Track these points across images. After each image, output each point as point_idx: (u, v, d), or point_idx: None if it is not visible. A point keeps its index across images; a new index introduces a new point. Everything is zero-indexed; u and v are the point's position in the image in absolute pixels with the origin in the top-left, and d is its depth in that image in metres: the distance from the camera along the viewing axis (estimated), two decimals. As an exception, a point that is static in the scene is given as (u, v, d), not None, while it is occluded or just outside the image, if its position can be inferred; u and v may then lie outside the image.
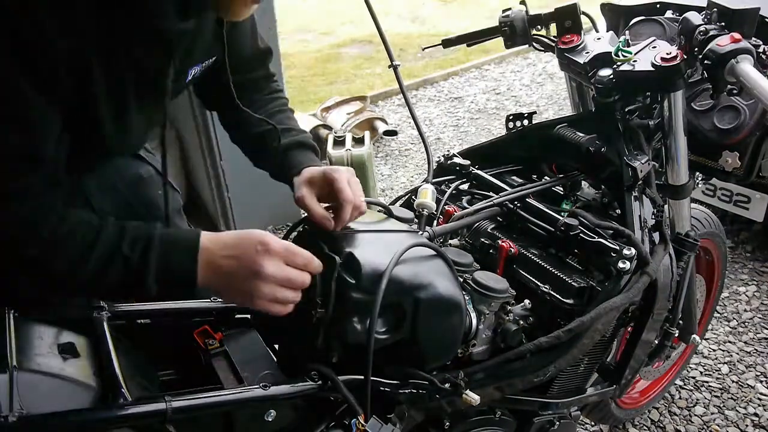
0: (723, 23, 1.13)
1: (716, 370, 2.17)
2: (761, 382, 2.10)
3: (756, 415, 1.98)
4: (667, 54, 1.14)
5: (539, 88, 5.05)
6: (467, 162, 1.39)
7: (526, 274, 1.16)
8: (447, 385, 0.98)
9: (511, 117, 1.42)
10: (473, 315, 1.01)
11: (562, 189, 1.34)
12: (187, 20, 0.82)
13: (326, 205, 0.99)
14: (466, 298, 0.99)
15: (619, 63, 1.19)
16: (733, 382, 2.11)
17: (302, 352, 0.95)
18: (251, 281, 0.82)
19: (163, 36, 0.81)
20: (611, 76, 1.19)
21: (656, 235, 1.21)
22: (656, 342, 1.47)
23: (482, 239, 1.23)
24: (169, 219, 1.19)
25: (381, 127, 4.12)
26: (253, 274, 0.81)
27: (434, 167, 1.36)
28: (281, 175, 1.07)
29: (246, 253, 0.82)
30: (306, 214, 0.99)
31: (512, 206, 1.26)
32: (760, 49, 1.14)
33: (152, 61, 0.83)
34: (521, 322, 1.08)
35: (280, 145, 1.07)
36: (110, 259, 0.78)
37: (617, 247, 1.10)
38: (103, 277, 0.78)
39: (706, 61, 1.09)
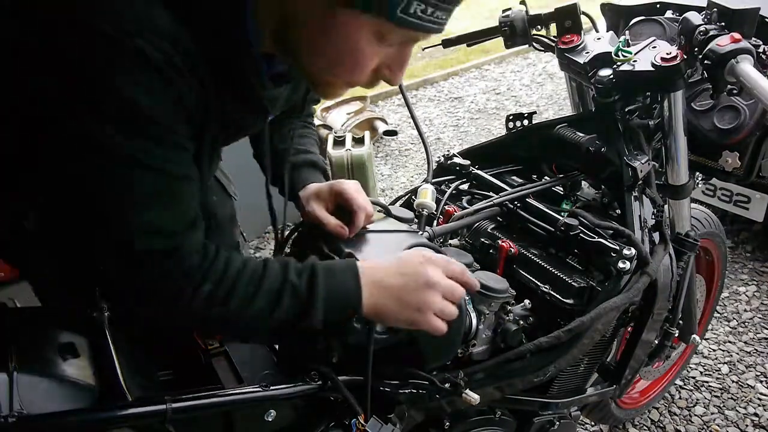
0: (723, 23, 1.13)
1: (716, 370, 2.17)
2: (761, 382, 2.10)
3: (756, 415, 1.97)
4: (667, 54, 1.13)
5: (539, 88, 5.05)
6: (467, 162, 1.39)
7: (526, 274, 1.16)
8: (447, 385, 0.98)
9: (511, 117, 1.41)
10: (473, 315, 1.01)
11: (562, 189, 1.34)
12: (281, 86, 0.87)
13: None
14: (466, 298, 0.99)
15: (619, 63, 1.19)
16: (733, 382, 2.11)
17: (302, 352, 0.95)
18: (421, 292, 0.84)
19: (259, 101, 0.85)
20: (611, 76, 1.19)
21: (656, 235, 1.21)
22: (656, 342, 1.47)
23: (482, 239, 1.23)
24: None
25: (381, 127, 4.12)
26: (422, 284, 0.84)
27: (434, 167, 1.36)
28: (289, 192, 1.09)
29: (411, 267, 0.86)
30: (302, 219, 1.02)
31: (512, 206, 1.26)
32: (760, 49, 1.14)
33: (247, 118, 0.88)
34: (521, 322, 1.08)
35: (291, 163, 1.09)
36: (281, 288, 0.80)
37: (617, 247, 1.10)
38: (275, 308, 0.79)
39: (706, 61, 1.09)
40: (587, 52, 1.25)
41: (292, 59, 0.78)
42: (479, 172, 1.37)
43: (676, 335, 1.48)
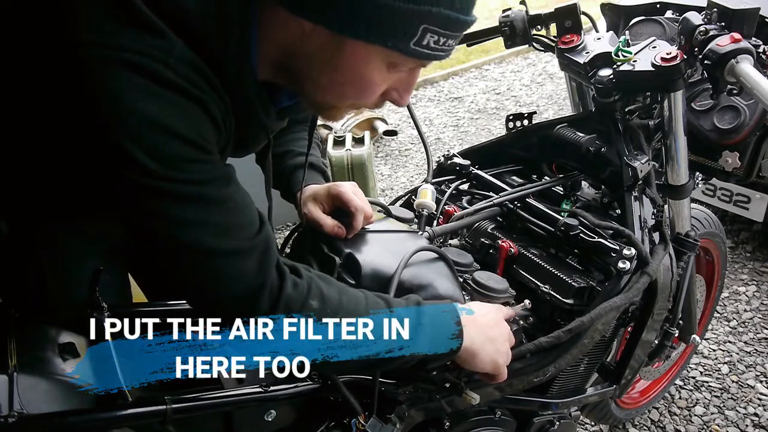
0: (723, 23, 1.13)
1: (716, 370, 2.17)
2: (761, 382, 2.10)
3: (756, 415, 1.97)
4: (667, 54, 1.13)
5: (539, 88, 5.05)
6: (467, 162, 1.39)
7: (526, 274, 1.16)
8: (447, 385, 0.98)
9: (511, 117, 1.41)
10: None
11: (562, 189, 1.34)
12: (283, 120, 0.89)
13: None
14: (467, 298, 0.99)
15: (619, 63, 1.19)
16: (733, 382, 2.11)
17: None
18: (502, 324, 0.94)
19: (265, 128, 0.86)
20: (611, 76, 1.19)
21: (656, 235, 1.21)
22: (656, 342, 1.47)
23: (482, 239, 1.23)
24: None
25: (381, 127, 4.12)
26: (500, 318, 0.95)
27: (434, 167, 1.36)
28: (288, 194, 1.09)
29: (488, 306, 0.96)
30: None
31: (512, 206, 1.26)
32: (760, 49, 1.14)
33: (254, 140, 0.89)
34: (521, 322, 1.07)
35: (291, 164, 1.09)
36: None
37: (617, 247, 1.10)
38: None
39: (706, 61, 1.09)
40: (587, 52, 1.25)
41: (295, 87, 0.77)
42: (479, 172, 1.37)
43: (676, 335, 1.48)
